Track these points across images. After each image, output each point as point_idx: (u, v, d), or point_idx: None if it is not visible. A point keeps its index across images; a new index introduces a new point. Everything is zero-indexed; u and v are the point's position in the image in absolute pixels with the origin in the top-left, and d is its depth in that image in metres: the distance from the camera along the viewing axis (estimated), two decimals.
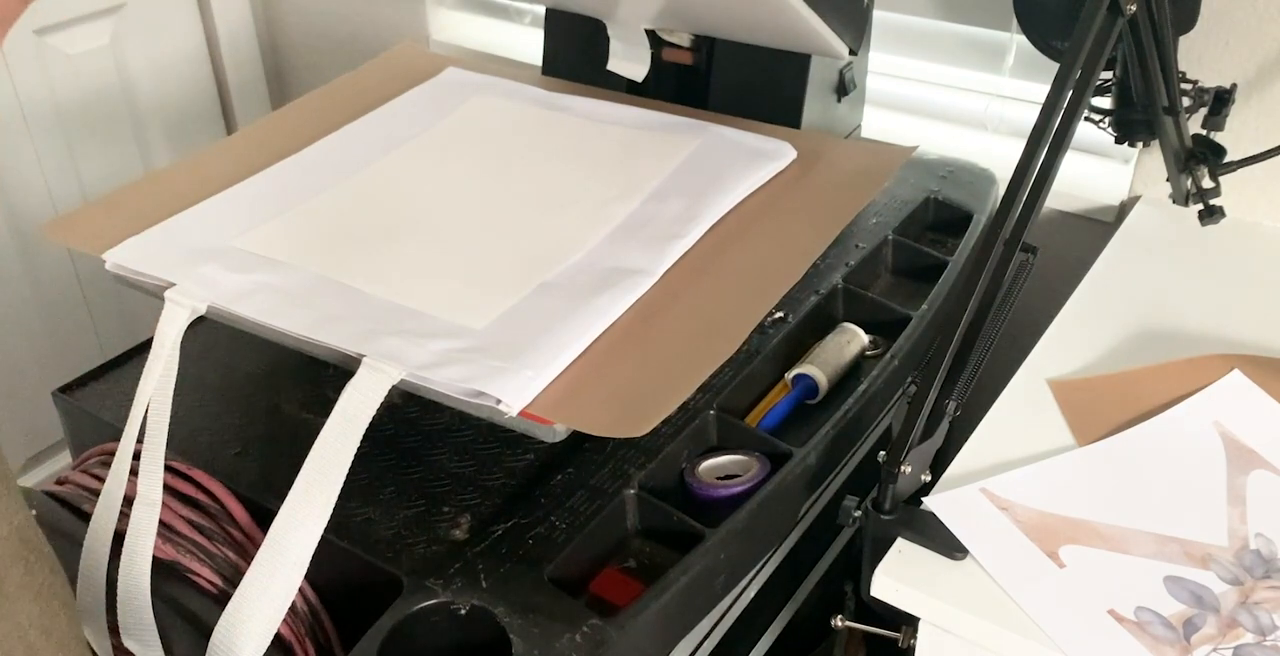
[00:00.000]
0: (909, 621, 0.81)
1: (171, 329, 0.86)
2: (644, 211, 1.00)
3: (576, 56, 1.25)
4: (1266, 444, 0.86)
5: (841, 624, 0.89)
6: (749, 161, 1.06)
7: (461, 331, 0.84)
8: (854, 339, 1.00)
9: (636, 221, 0.98)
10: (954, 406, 0.82)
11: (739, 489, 0.86)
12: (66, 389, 1.00)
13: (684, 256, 0.95)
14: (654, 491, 0.87)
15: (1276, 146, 1.04)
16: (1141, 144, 1.10)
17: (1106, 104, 1.04)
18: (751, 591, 0.92)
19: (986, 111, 1.37)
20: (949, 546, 0.78)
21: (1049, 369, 0.96)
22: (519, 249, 0.95)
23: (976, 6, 1.31)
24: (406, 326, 0.85)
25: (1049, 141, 0.82)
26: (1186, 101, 1.00)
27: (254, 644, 0.76)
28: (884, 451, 0.79)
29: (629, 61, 1.21)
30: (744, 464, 0.89)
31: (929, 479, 0.83)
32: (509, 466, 0.90)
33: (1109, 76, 1.01)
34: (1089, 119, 1.04)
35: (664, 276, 0.92)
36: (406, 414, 0.95)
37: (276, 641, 0.78)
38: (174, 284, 0.89)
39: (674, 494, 0.89)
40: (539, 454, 0.91)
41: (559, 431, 0.79)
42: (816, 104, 1.17)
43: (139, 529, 0.81)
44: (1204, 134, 1.05)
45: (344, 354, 0.82)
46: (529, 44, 1.64)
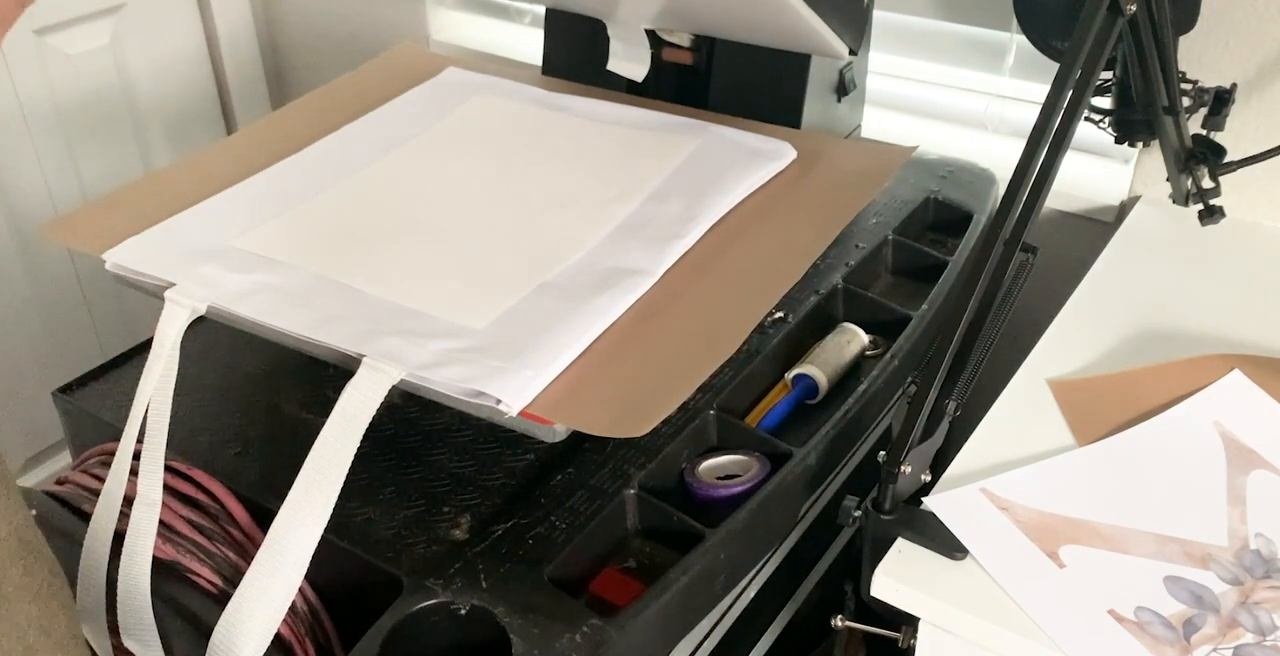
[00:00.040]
0: (909, 621, 0.81)
1: (171, 329, 0.86)
2: (644, 211, 1.00)
3: (576, 56, 1.25)
4: (1266, 444, 0.86)
5: (841, 624, 0.89)
6: (749, 161, 1.06)
7: (461, 331, 0.84)
8: (854, 339, 1.00)
9: (636, 221, 0.98)
10: (954, 406, 0.82)
11: (739, 489, 0.86)
12: (66, 389, 1.00)
13: (684, 256, 0.95)
14: (654, 491, 0.87)
15: (1276, 146, 1.04)
16: (1141, 144, 1.10)
17: (1106, 104, 1.04)
18: (751, 591, 0.92)
19: (986, 111, 1.37)
20: (949, 546, 0.78)
21: (1049, 369, 0.96)
22: (519, 249, 0.95)
23: (976, 6, 1.31)
24: (406, 326, 0.85)
25: (1049, 141, 0.82)
26: (1186, 101, 1.00)
27: (254, 644, 0.76)
28: (884, 451, 0.79)
29: (629, 61, 1.21)
30: (744, 464, 0.89)
31: (929, 479, 0.83)
32: (509, 466, 0.90)
33: (1109, 76, 1.01)
34: (1089, 119, 1.04)
35: (664, 276, 0.92)
36: (406, 414, 0.95)
37: (276, 641, 0.78)
38: (174, 284, 0.89)
39: (674, 494, 0.89)
40: (539, 454, 0.91)
41: (559, 431, 0.79)
42: (816, 104, 1.17)
43: (139, 529, 0.81)
44: (1204, 134, 1.05)
45: (344, 354, 0.82)
46: (529, 44, 1.64)
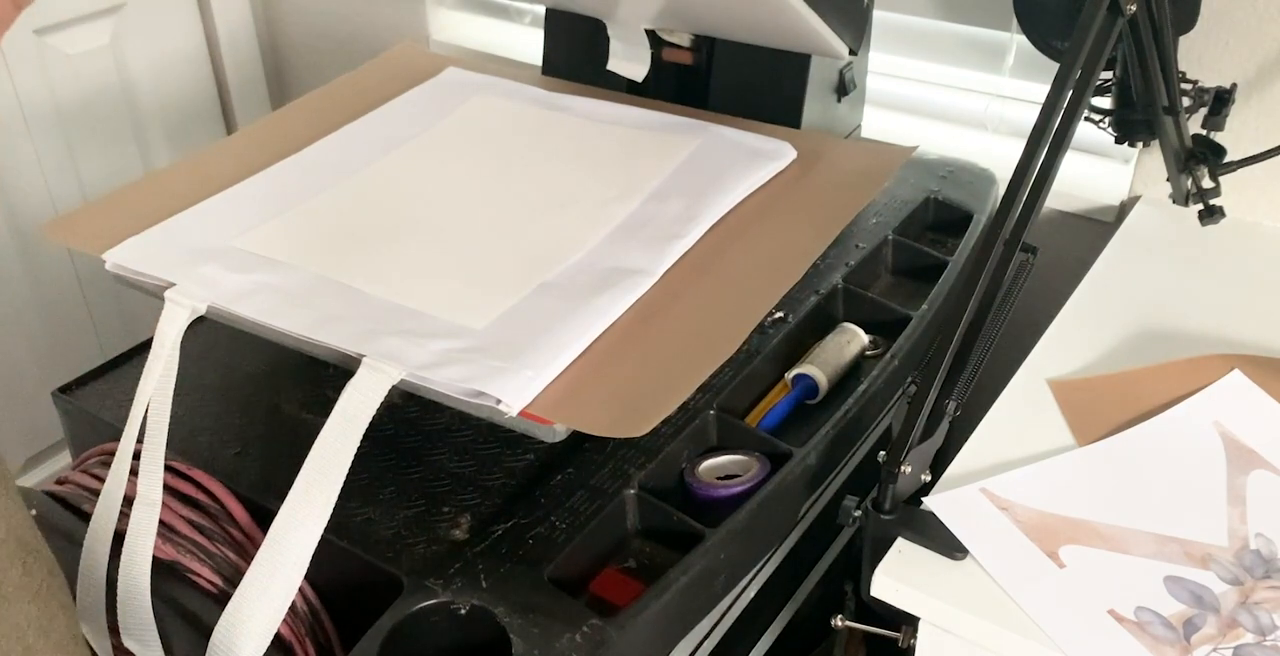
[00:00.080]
0: (909, 621, 0.81)
1: (171, 329, 0.86)
2: (644, 211, 1.00)
3: (576, 56, 1.25)
4: (1266, 444, 0.86)
5: (841, 624, 0.89)
6: (749, 161, 1.06)
7: (461, 331, 0.84)
8: (854, 339, 1.00)
9: (636, 221, 0.98)
10: (954, 406, 0.82)
11: (739, 489, 0.86)
12: (66, 389, 1.00)
13: (684, 256, 0.95)
14: (654, 491, 0.86)
15: (1276, 146, 1.04)
16: (1141, 144, 1.10)
17: (1106, 104, 1.04)
18: (751, 591, 0.92)
19: (986, 111, 1.37)
20: (949, 546, 0.78)
21: (1049, 369, 0.96)
22: (519, 249, 0.95)
23: (976, 6, 1.31)
24: (406, 326, 0.85)
25: (1049, 141, 0.82)
26: (1186, 101, 1.00)
27: (254, 644, 0.76)
28: (884, 451, 0.79)
29: (629, 61, 1.21)
30: (744, 464, 0.89)
31: (929, 479, 0.83)
32: (509, 466, 0.90)
33: (1109, 76, 1.01)
34: (1089, 119, 1.04)
35: (664, 276, 0.92)
36: (406, 414, 0.95)
37: (276, 641, 0.78)
38: (174, 284, 0.89)
39: (674, 494, 0.89)
40: (539, 454, 0.91)
41: (559, 431, 0.79)
42: (816, 104, 1.17)
43: (139, 529, 0.81)
44: (1204, 134, 1.05)
45: (344, 354, 0.82)
46: (529, 44, 1.64)
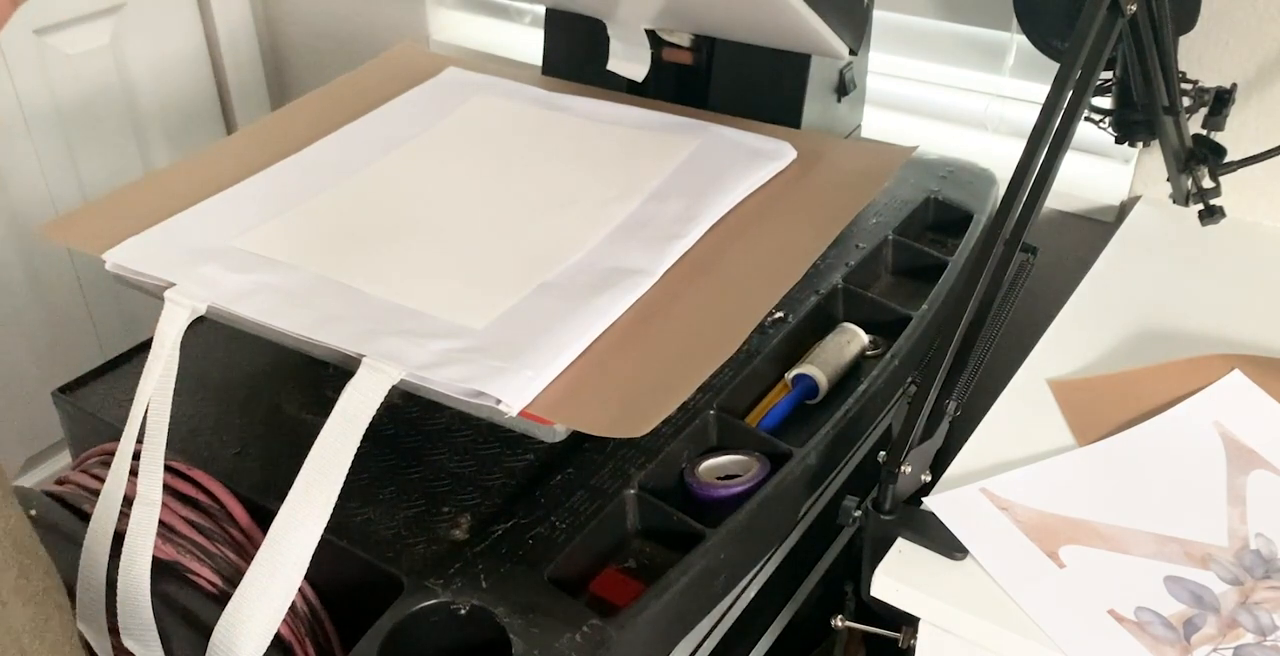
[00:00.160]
0: (909, 621, 0.81)
1: (171, 329, 0.86)
2: (644, 211, 1.00)
3: (576, 56, 1.25)
4: (1266, 444, 0.86)
5: (841, 624, 0.89)
6: (749, 161, 1.06)
7: (461, 331, 0.84)
8: (854, 339, 1.00)
9: (636, 221, 0.98)
10: (954, 406, 0.82)
11: (739, 489, 0.86)
12: (66, 389, 1.00)
13: (684, 256, 0.95)
14: (654, 491, 0.86)
15: (1276, 146, 1.04)
16: (1141, 144, 1.10)
17: (1106, 104, 1.04)
18: (751, 591, 0.92)
19: (986, 111, 1.37)
20: (949, 546, 0.78)
21: (1049, 369, 0.96)
22: (519, 249, 0.95)
23: (976, 6, 1.31)
24: (406, 326, 0.85)
25: (1049, 141, 0.82)
26: (1186, 101, 1.00)
27: (254, 644, 0.75)
28: (884, 451, 0.79)
29: (629, 61, 1.21)
30: (744, 464, 0.89)
31: (929, 479, 0.83)
32: (509, 466, 0.90)
33: (1109, 76, 1.01)
34: (1089, 119, 1.04)
35: (664, 276, 0.92)
36: (406, 414, 0.95)
37: (276, 641, 0.78)
38: (174, 284, 0.89)
39: (674, 494, 0.89)
40: (539, 454, 0.91)
41: (559, 431, 0.79)
42: (816, 104, 1.17)
43: (139, 529, 0.81)
44: (1204, 134, 1.05)
45: (344, 354, 0.82)
46: (529, 44, 1.64)
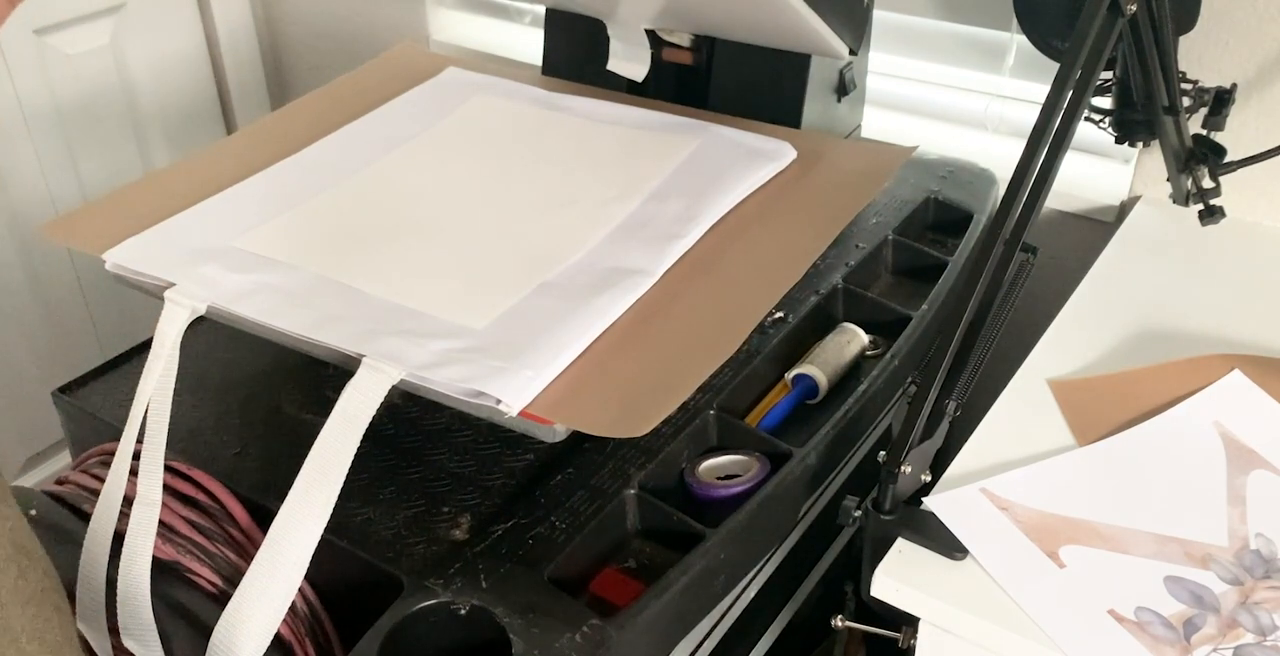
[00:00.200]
0: (909, 621, 0.81)
1: (171, 329, 0.86)
2: (644, 211, 1.00)
3: (576, 56, 1.25)
4: (1266, 444, 0.86)
5: (841, 624, 0.89)
6: (749, 161, 1.06)
7: (461, 331, 0.84)
8: (854, 339, 1.00)
9: (636, 221, 0.98)
10: (954, 406, 0.82)
11: (739, 489, 0.86)
12: (66, 389, 1.00)
13: (684, 256, 0.95)
14: (654, 491, 0.86)
15: (1276, 146, 1.04)
16: (1141, 144, 1.10)
17: (1106, 104, 1.04)
18: (751, 591, 0.92)
19: (986, 111, 1.37)
20: (949, 546, 0.78)
21: (1049, 369, 0.96)
22: (519, 249, 0.95)
23: (976, 6, 1.31)
24: (406, 326, 0.85)
25: (1049, 141, 0.82)
26: (1186, 101, 1.00)
27: (254, 644, 0.75)
28: (884, 451, 0.79)
29: (629, 61, 1.21)
30: (744, 464, 0.89)
31: (929, 479, 0.83)
32: (509, 466, 0.90)
33: (1109, 76, 1.01)
34: (1089, 119, 1.04)
35: (664, 276, 0.92)
36: (406, 414, 0.95)
37: (276, 641, 0.78)
38: (174, 284, 0.89)
39: (674, 494, 0.89)
40: (539, 454, 0.91)
41: (559, 431, 0.79)
42: (816, 104, 1.17)
43: (139, 529, 0.81)
44: (1204, 134, 1.05)
45: (344, 354, 0.82)
46: (529, 44, 1.64)
